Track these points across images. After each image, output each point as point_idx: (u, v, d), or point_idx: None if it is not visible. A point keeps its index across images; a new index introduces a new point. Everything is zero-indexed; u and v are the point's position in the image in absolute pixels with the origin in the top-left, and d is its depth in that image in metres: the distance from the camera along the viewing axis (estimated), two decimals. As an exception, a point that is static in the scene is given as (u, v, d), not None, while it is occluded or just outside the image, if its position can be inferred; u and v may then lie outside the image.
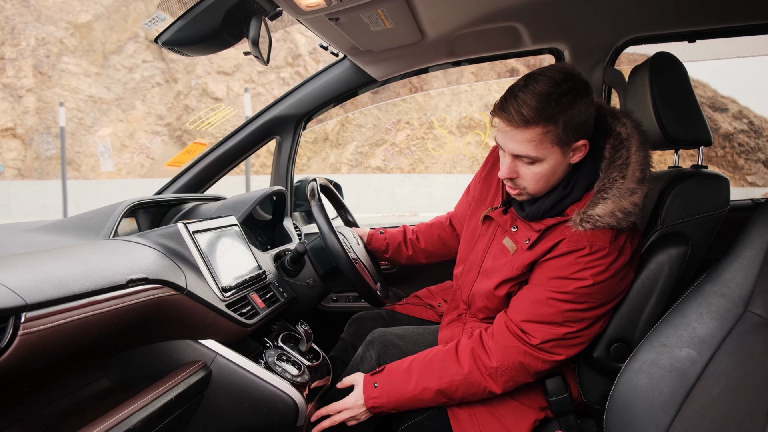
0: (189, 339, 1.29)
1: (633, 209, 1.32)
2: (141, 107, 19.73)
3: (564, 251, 1.37)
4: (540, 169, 1.35)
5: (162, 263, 1.24)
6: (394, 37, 1.88)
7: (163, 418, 1.12)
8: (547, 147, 1.32)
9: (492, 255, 1.56)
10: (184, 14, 1.33)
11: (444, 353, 1.45)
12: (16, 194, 16.36)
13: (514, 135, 1.32)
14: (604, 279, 1.34)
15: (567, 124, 1.29)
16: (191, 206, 1.86)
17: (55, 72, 18.53)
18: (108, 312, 1.02)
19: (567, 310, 1.36)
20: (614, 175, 1.35)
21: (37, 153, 17.78)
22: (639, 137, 1.39)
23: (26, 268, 0.94)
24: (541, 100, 1.27)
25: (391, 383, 1.44)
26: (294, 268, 1.76)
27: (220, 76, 19.92)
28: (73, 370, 1.15)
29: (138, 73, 20.13)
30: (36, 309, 0.86)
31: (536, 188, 1.40)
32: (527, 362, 1.40)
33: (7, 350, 0.81)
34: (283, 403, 1.31)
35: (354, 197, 17.19)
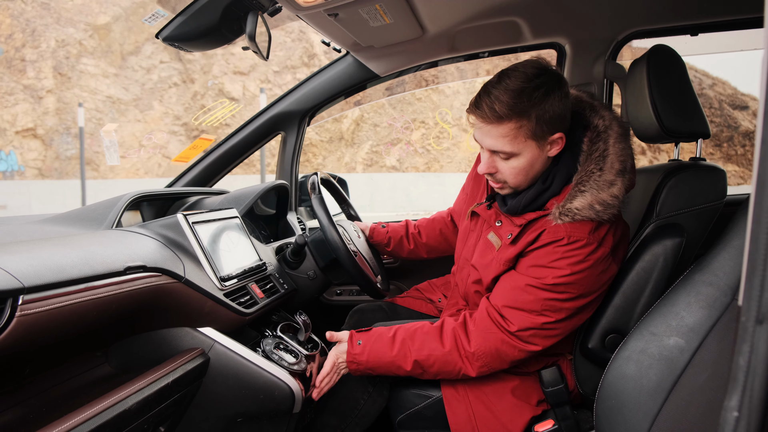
0: (188, 327, 1.32)
1: (612, 201, 1.33)
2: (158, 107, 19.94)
3: (544, 242, 1.38)
4: (517, 164, 1.38)
5: (161, 252, 1.28)
6: (395, 32, 1.90)
7: (160, 402, 1.15)
8: (522, 141, 1.34)
9: (479, 251, 1.58)
10: (184, 10, 1.37)
11: (429, 328, 1.48)
12: (37, 193, 16.62)
13: (488, 131, 1.35)
14: (582, 269, 1.35)
15: (540, 118, 1.31)
16: (195, 199, 1.91)
17: (74, 73, 18.80)
18: (105, 297, 1.05)
19: (546, 298, 1.37)
20: (591, 167, 1.37)
21: (57, 153, 18.05)
22: (618, 129, 1.40)
23: (26, 253, 0.97)
24: (513, 96, 1.29)
25: (374, 345, 1.47)
26: (295, 261, 1.79)
27: (236, 76, 20.07)
28: (74, 354, 1.18)
29: (155, 73, 20.35)
30: (33, 292, 0.90)
31: (516, 182, 1.42)
32: (504, 350, 1.41)
33: (4, 331, 0.85)
34: (279, 390, 1.33)
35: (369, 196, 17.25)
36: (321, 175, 1.88)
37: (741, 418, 0.55)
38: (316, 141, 19.59)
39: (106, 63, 19.52)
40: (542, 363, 1.55)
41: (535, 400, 1.52)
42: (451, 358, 1.43)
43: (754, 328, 0.54)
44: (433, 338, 1.45)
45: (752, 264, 0.55)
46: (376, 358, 1.46)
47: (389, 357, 1.45)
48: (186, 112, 20.23)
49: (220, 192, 2.09)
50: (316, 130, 19.58)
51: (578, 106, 1.48)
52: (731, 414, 0.56)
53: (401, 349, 1.45)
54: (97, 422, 0.98)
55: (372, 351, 1.47)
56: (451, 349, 1.43)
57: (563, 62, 2.10)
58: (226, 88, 19.75)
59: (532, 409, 1.50)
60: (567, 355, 1.58)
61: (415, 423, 1.59)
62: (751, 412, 0.54)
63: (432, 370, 1.45)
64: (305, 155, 19.36)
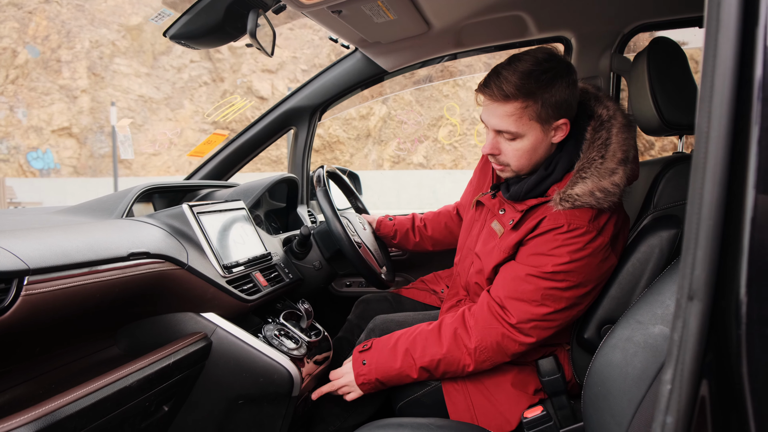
0: (191, 312, 1.38)
1: (613, 189, 1.34)
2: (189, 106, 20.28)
3: (544, 229, 1.40)
4: (521, 145, 1.40)
5: (166, 240, 1.34)
6: (400, 28, 1.93)
7: (161, 382, 1.21)
8: (527, 122, 1.36)
9: (483, 239, 1.60)
10: (189, 9, 1.42)
11: (428, 332, 1.50)
12: (72, 191, 17.06)
13: (494, 109, 1.38)
14: (582, 257, 1.36)
15: (546, 101, 1.33)
16: (206, 192, 1.98)
17: (107, 73, 19.24)
18: (108, 281, 1.11)
19: (545, 287, 1.38)
20: (593, 155, 1.38)
21: (91, 151, 18.52)
22: (622, 120, 1.42)
23: (33, 239, 1.04)
24: (521, 77, 1.32)
25: (378, 360, 1.50)
26: (301, 251, 1.84)
27: (265, 75, 20.29)
28: (82, 334, 1.25)
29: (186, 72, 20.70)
30: (38, 274, 0.96)
31: (518, 165, 1.44)
32: (504, 344, 1.43)
33: (10, 308, 0.91)
34: (278, 374, 1.38)
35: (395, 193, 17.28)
36: (328, 168, 1.93)
37: (673, 390, 0.58)
38: (343, 138, 19.70)
39: (138, 63, 19.94)
40: (540, 353, 1.57)
41: (532, 389, 1.54)
42: (453, 357, 1.45)
43: (686, 304, 0.57)
44: (433, 342, 1.48)
45: (687, 243, 0.57)
46: (383, 373, 1.49)
47: (395, 370, 1.48)
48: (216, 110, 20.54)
49: (230, 185, 2.15)
50: (344, 128, 19.69)
51: (583, 97, 1.49)
52: (665, 387, 0.58)
53: (405, 360, 1.48)
54: (99, 396, 1.04)
55: (378, 368, 1.50)
56: (450, 349, 1.45)
57: (570, 56, 2.10)
58: (254, 86, 19.99)
59: (529, 398, 1.52)
60: (564, 346, 1.59)
61: (414, 410, 1.62)
62: (682, 384, 0.57)
63: (438, 371, 1.48)
64: (332, 152, 19.48)
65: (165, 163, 19.11)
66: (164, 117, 19.86)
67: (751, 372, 0.53)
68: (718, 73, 0.55)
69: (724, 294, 0.55)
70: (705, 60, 0.57)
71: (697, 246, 0.56)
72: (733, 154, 0.54)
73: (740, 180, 0.54)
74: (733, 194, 0.54)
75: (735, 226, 0.54)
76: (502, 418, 1.49)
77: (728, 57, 0.55)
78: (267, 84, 20.06)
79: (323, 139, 19.61)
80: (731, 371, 0.54)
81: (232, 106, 18.82)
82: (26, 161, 18.05)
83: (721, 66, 0.55)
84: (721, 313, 0.55)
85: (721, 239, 0.55)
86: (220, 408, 1.41)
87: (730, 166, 0.55)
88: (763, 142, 0.52)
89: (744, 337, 0.53)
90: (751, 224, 0.53)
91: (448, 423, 1.33)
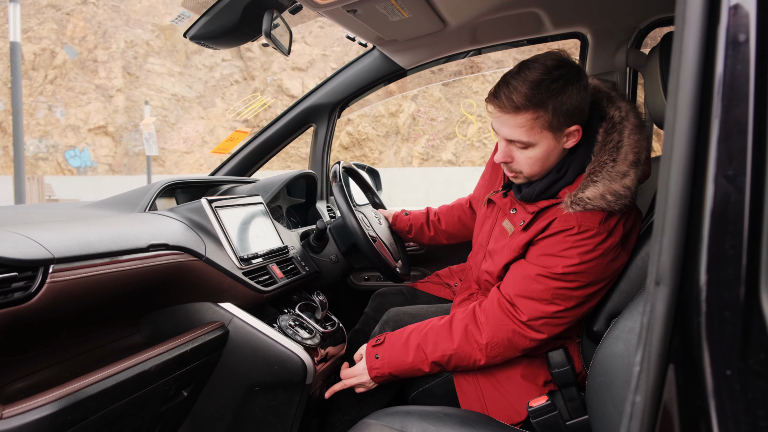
0: (209, 302, 1.44)
1: (624, 192, 1.34)
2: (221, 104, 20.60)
3: (554, 231, 1.41)
4: (533, 154, 1.40)
5: (185, 233, 1.40)
6: (416, 26, 1.97)
7: (179, 367, 1.27)
8: (538, 132, 1.36)
9: (494, 237, 1.63)
10: (207, 11, 1.49)
11: (439, 327, 1.53)
12: (108, 188, 17.50)
13: (506, 120, 1.38)
14: (592, 258, 1.37)
15: (557, 110, 1.33)
16: (227, 188, 2.05)
17: (141, 72, 19.66)
18: (128, 271, 1.18)
19: (556, 287, 1.40)
20: (605, 158, 1.38)
21: (126, 149, 18.97)
22: (634, 120, 1.41)
23: (58, 230, 1.11)
24: (532, 87, 1.32)
25: (391, 354, 1.53)
26: (318, 245, 1.89)
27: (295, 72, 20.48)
28: (106, 322, 1.32)
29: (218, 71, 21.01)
30: (62, 263, 1.03)
31: (531, 172, 1.45)
32: (515, 340, 1.45)
33: (36, 295, 0.98)
34: (291, 362, 1.44)
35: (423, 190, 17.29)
36: (345, 164, 1.98)
37: (642, 371, 0.60)
38: (372, 136, 19.77)
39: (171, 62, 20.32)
40: (550, 346, 1.59)
41: (542, 381, 1.56)
42: (463, 353, 1.48)
43: (654, 289, 0.59)
44: (444, 337, 1.50)
45: (655, 231, 0.60)
46: (395, 367, 1.53)
47: (407, 364, 1.52)
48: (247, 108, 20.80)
49: (251, 180, 2.22)
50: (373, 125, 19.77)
51: (595, 96, 1.49)
52: (635, 368, 0.61)
53: (417, 354, 1.51)
54: (120, 378, 1.11)
55: (390, 362, 1.53)
56: (461, 344, 1.48)
57: (586, 52, 2.11)
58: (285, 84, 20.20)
59: (539, 390, 1.54)
60: (575, 338, 1.61)
61: (427, 400, 1.66)
62: (650, 366, 0.60)
63: (449, 366, 1.51)
64: (361, 149, 19.56)
65: (197, 161, 19.46)
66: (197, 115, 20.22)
67: (711, 355, 0.55)
68: (683, 68, 0.58)
69: (687, 279, 0.58)
70: (673, 56, 0.59)
71: (664, 234, 0.59)
72: (697, 147, 0.57)
73: (702, 172, 0.56)
74: (696, 186, 0.57)
75: (697, 215, 0.56)
76: (511, 409, 1.52)
77: (692, 53, 0.57)
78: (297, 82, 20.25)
79: (353, 136, 19.71)
80: (694, 354, 0.57)
81: (251, 106, 19.04)
82: (64, 159, 18.59)
83: (686, 62, 0.58)
84: (685, 297, 0.58)
85: (685, 227, 0.58)
86: (238, 395, 1.47)
87: (693, 159, 0.57)
88: (722, 135, 0.55)
89: (704, 321, 0.55)
90: (711, 214, 0.55)
91: (455, 411, 1.36)
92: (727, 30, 0.56)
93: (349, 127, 19.55)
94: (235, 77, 20.91)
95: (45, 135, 18.50)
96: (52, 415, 0.96)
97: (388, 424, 1.28)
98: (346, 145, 19.54)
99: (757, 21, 0.55)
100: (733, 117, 0.55)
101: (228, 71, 21.19)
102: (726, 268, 0.55)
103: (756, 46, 0.55)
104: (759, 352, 0.53)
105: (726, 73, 0.55)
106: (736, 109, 0.55)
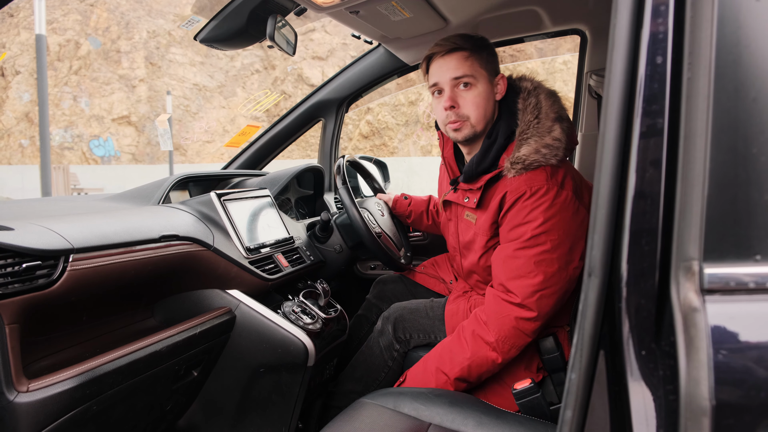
0: (218, 289, 1.55)
1: (555, 143, 1.47)
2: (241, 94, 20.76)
3: (510, 202, 1.51)
4: (476, 93, 1.57)
5: (194, 225, 1.51)
6: (418, 24, 2.04)
7: (188, 349, 1.38)
8: (477, 68, 1.56)
9: (462, 232, 1.72)
10: (216, 15, 1.58)
11: (451, 343, 1.58)
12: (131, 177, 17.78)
13: (446, 61, 1.59)
14: (554, 214, 1.46)
15: (488, 56, 1.58)
16: (237, 180, 2.15)
17: (164, 62, 19.88)
18: (141, 260, 1.29)
19: (534, 254, 1.47)
20: (528, 118, 1.52)
21: (148, 139, 19.25)
22: (546, 90, 1.59)
23: (78, 222, 1.22)
24: (461, 37, 1.57)
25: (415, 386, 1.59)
26: (323, 236, 1.99)
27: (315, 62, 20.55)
28: (122, 306, 1.43)
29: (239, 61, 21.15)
30: (81, 252, 1.14)
31: (476, 114, 1.58)
32: (520, 326, 1.50)
33: (57, 281, 1.09)
34: (294, 345, 1.54)
35: (441, 179, 17.26)
36: (349, 158, 2.06)
37: (576, 352, 0.69)
38: (392, 124, 19.79)
39: (192, 52, 20.51)
40: (542, 333, 1.67)
41: (535, 367, 1.64)
42: (479, 357, 1.52)
43: (588, 280, 0.67)
44: (457, 350, 1.55)
45: (590, 227, 0.68)
46: None
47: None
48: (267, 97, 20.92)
49: (261, 174, 2.32)
50: (392, 113, 19.78)
51: (509, 80, 1.67)
52: (572, 350, 0.70)
53: (438, 378, 1.54)
54: (134, 357, 1.22)
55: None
56: (474, 350, 1.52)
57: (585, 47, 2.16)
58: (305, 73, 20.28)
59: (534, 375, 1.62)
60: (565, 327, 1.68)
61: None
62: (583, 348, 0.68)
63: (473, 377, 1.55)
64: (380, 138, 19.59)
65: (218, 150, 19.68)
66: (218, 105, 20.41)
67: (631, 337, 0.64)
68: (614, 62, 0.66)
69: (614, 271, 0.66)
70: (608, 60, 0.68)
71: (595, 231, 0.67)
72: (624, 155, 0.65)
73: (625, 174, 0.64)
74: (621, 190, 0.65)
75: (620, 215, 0.64)
76: (508, 393, 1.60)
77: (621, 52, 0.65)
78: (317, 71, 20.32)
79: (372, 125, 19.73)
80: (617, 339, 0.65)
81: (260, 104, 19.17)
82: (89, 149, 18.93)
83: (616, 59, 0.66)
84: (612, 287, 0.66)
85: (612, 226, 0.66)
86: (245, 376, 1.57)
87: (620, 166, 0.65)
88: (641, 146, 0.63)
89: (624, 307, 0.64)
90: (631, 214, 0.63)
91: (445, 392, 1.45)
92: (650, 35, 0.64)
93: (368, 116, 19.59)
94: (255, 67, 21.03)
95: (70, 125, 18.85)
96: (72, 389, 1.07)
97: (382, 404, 1.37)
98: (366, 134, 19.59)
99: (673, 39, 0.63)
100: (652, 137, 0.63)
101: (249, 60, 21.31)
102: (642, 262, 0.63)
103: (672, 60, 0.63)
104: (669, 335, 0.61)
105: (647, 74, 0.63)
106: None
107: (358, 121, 19.62)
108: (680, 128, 0.61)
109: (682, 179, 0.60)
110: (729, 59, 0.59)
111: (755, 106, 0.58)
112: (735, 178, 0.58)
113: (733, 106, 0.59)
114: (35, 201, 1.68)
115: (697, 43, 0.60)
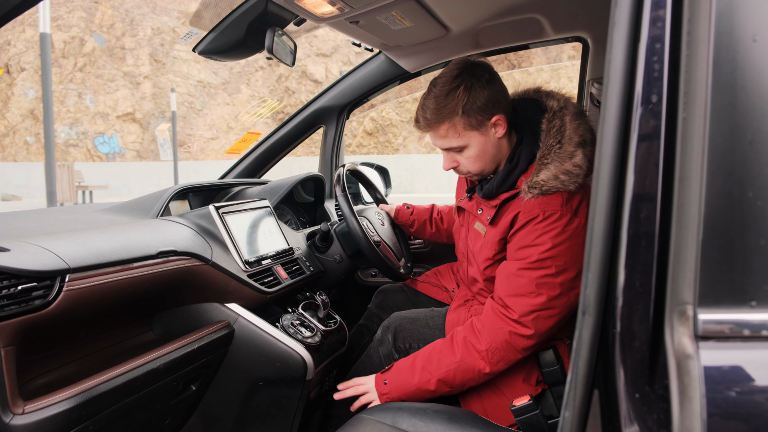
0: (216, 302, 1.55)
1: (575, 170, 1.43)
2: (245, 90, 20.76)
3: (522, 223, 1.49)
4: (470, 153, 1.54)
5: (193, 239, 1.50)
6: (418, 33, 2.03)
7: (187, 365, 1.38)
8: (464, 134, 1.51)
9: (471, 241, 1.71)
10: (214, 28, 1.57)
11: (442, 345, 1.58)
12: (135, 174, 17.82)
13: (432, 136, 1.56)
14: (563, 240, 1.44)
15: (469, 111, 1.47)
16: (237, 190, 2.14)
17: (168, 59, 19.90)
18: (139, 277, 1.28)
19: (537, 277, 1.46)
20: (551, 142, 1.48)
21: (153, 136, 19.29)
22: (573, 109, 1.52)
23: (75, 240, 1.22)
24: (438, 102, 1.48)
25: (398, 379, 1.59)
26: (323, 246, 1.98)
27: (319, 58, 20.53)
28: (120, 322, 1.43)
29: (243, 58, 21.07)
30: (77, 272, 1.13)
31: (477, 168, 1.57)
32: (513, 341, 1.50)
33: (54, 302, 1.09)
34: (292, 359, 1.54)
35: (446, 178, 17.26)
36: (349, 166, 2.05)
37: (570, 390, 0.68)
38: (396, 121, 19.78)
39: (197, 49, 20.48)
40: (542, 347, 1.66)
41: (534, 380, 1.64)
42: (467, 364, 1.52)
43: (581, 318, 0.67)
44: (447, 353, 1.55)
45: (584, 265, 0.67)
46: (403, 390, 1.57)
47: (414, 386, 1.56)
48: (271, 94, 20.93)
49: (261, 182, 2.31)
50: (396, 110, 19.76)
51: (536, 95, 1.62)
52: (566, 387, 0.69)
53: (422, 375, 1.55)
54: (130, 376, 1.22)
55: (398, 386, 1.58)
56: (463, 356, 1.52)
57: (587, 55, 2.15)
58: (309, 70, 20.27)
59: (533, 389, 1.62)
60: (565, 340, 1.67)
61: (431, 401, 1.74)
62: (577, 386, 0.67)
63: (456, 382, 1.55)
64: (385, 135, 19.58)
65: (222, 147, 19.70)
66: (222, 101, 20.42)
67: (624, 380, 0.63)
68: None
69: (608, 311, 0.65)
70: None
71: (589, 269, 0.66)
72: (618, 192, 0.64)
73: (620, 214, 0.63)
74: (616, 227, 0.64)
75: (615, 255, 0.64)
76: (506, 405, 1.60)
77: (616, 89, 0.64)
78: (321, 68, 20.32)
79: (376, 122, 19.72)
80: (611, 379, 0.64)
81: (267, 106, 19.18)
82: (93, 146, 18.97)
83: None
84: (606, 327, 0.65)
85: (607, 265, 0.65)
86: (243, 389, 1.57)
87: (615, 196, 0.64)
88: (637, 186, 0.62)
89: (618, 349, 0.63)
90: (626, 255, 0.62)
91: (444, 408, 1.44)
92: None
93: (372, 112, 19.58)
94: (259, 63, 21.02)
95: (75, 122, 18.90)
96: (68, 410, 1.07)
97: (380, 419, 1.37)
98: (370, 131, 19.59)
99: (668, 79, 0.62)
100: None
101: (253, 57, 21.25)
102: (637, 303, 0.62)
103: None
104: (663, 378, 0.60)
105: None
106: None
107: (362, 118, 19.60)
108: (675, 168, 0.60)
109: (676, 222, 0.59)
110: (725, 101, 0.58)
111: (751, 148, 0.57)
112: (730, 222, 0.57)
113: (729, 148, 0.58)
114: (33, 213, 1.68)
115: (693, 84, 0.59)
